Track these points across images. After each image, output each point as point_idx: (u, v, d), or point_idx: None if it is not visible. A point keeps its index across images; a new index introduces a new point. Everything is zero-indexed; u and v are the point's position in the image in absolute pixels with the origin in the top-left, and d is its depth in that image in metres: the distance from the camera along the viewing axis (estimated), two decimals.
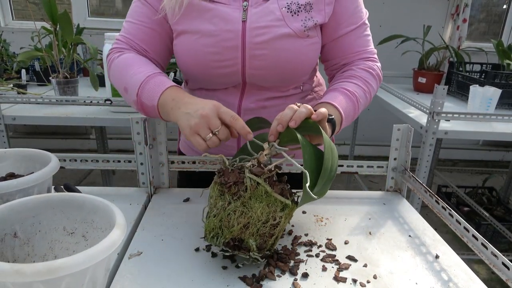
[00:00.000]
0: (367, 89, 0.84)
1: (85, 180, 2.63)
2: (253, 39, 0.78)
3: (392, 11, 3.12)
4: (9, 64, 1.91)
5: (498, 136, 1.46)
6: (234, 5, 0.79)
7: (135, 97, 0.76)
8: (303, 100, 0.91)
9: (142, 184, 0.88)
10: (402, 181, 0.89)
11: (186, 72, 0.86)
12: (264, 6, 0.79)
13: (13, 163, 0.73)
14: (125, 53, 0.83)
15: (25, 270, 0.38)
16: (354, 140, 2.50)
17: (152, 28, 0.83)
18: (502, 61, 1.90)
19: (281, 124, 0.65)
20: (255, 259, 0.59)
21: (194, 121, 0.65)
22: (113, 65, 0.83)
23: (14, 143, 1.52)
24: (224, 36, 0.78)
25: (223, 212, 0.58)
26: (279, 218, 0.60)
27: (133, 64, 0.80)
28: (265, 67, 0.80)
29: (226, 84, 0.85)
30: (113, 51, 0.85)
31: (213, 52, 0.79)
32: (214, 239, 0.59)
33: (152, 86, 0.75)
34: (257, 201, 0.59)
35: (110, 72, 0.84)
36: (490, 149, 3.55)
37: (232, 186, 0.59)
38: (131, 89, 0.77)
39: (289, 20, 0.78)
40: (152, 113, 0.76)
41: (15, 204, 0.53)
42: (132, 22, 0.84)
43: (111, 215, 0.51)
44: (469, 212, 2.33)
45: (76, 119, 1.47)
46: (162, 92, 0.74)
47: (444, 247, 0.70)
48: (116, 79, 0.82)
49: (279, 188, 0.61)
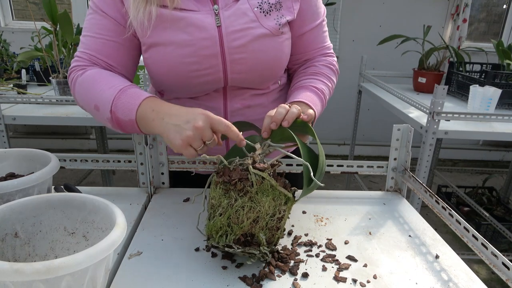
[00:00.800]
0: (331, 86, 0.90)
1: (85, 180, 2.63)
2: (231, 44, 0.77)
3: (392, 11, 3.13)
4: (9, 64, 1.91)
5: (498, 136, 1.46)
6: (204, 10, 0.76)
7: (109, 114, 0.71)
8: (282, 92, 0.93)
9: (142, 184, 0.88)
10: (402, 181, 0.89)
11: (161, 83, 0.84)
12: (236, 7, 0.77)
13: (13, 163, 0.73)
14: (88, 70, 0.77)
15: (24, 269, 0.38)
16: (354, 140, 2.50)
17: (116, 41, 0.78)
18: (502, 61, 1.90)
19: (275, 122, 0.68)
20: (264, 254, 0.59)
21: (186, 134, 0.63)
22: (77, 84, 0.77)
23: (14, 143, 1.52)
24: (201, 44, 0.76)
25: (231, 209, 0.58)
26: (283, 211, 0.62)
27: (100, 80, 0.74)
28: (246, 70, 0.80)
29: (207, 91, 0.84)
30: (74, 70, 0.79)
31: (191, 62, 0.77)
32: (222, 238, 0.59)
33: (127, 99, 0.70)
34: (263, 195, 0.60)
35: (75, 92, 0.78)
36: (490, 149, 3.55)
37: (238, 183, 0.60)
38: (103, 106, 0.72)
39: (263, 20, 0.78)
40: (130, 128, 0.72)
41: (16, 204, 0.53)
42: (93, 36, 0.78)
43: (111, 215, 0.52)
44: (469, 212, 2.33)
45: (76, 119, 1.47)
46: (139, 105, 0.69)
47: (444, 247, 0.70)
48: (84, 99, 0.76)
49: (282, 182, 0.63)
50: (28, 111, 1.52)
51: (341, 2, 3.03)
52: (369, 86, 2.20)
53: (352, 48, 3.20)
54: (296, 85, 0.87)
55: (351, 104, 2.62)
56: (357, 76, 2.34)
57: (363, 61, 2.26)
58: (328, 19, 3.05)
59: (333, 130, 3.35)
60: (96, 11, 0.78)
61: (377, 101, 2.01)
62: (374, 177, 3.13)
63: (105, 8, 0.77)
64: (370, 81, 2.16)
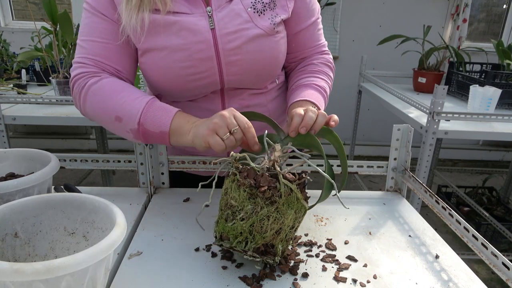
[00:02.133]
0: (330, 84, 0.91)
1: (85, 180, 2.63)
2: (226, 46, 0.76)
3: (392, 11, 3.13)
4: (9, 64, 1.91)
5: (498, 136, 1.46)
6: (197, 13, 0.76)
7: (136, 126, 0.71)
8: (280, 91, 0.93)
9: (142, 184, 0.88)
10: (402, 181, 0.89)
11: (158, 87, 0.83)
12: (229, 8, 0.77)
13: (13, 163, 0.73)
14: (103, 78, 0.75)
15: (24, 269, 0.38)
16: (354, 140, 2.50)
17: (119, 46, 0.76)
18: (502, 61, 1.90)
19: (305, 127, 0.68)
20: (276, 263, 0.59)
21: (213, 121, 0.65)
22: (91, 93, 0.74)
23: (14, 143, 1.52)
24: (195, 48, 0.75)
25: (255, 217, 0.57)
26: (299, 223, 0.62)
27: (119, 90, 0.74)
28: (242, 71, 0.79)
29: (205, 93, 0.83)
30: (84, 76, 0.76)
31: (186, 66, 0.76)
32: (241, 244, 0.57)
33: (158, 112, 0.71)
34: (289, 208, 0.58)
35: (86, 101, 0.75)
36: (490, 149, 3.55)
37: (267, 191, 0.58)
38: (128, 118, 0.71)
39: (257, 20, 0.78)
40: (157, 140, 0.73)
41: (16, 204, 0.53)
42: (94, 40, 0.76)
43: (111, 215, 0.52)
44: (469, 212, 2.33)
45: (76, 119, 1.47)
46: (172, 117, 0.71)
47: (444, 247, 0.70)
48: (101, 108, 0.74)
49: (304, 194, 0.62)
50: (28, 111, 1.52)
51: (341, 2, 3.03)
52: (369, 86, 2.20)
53: (352, 48, 3.20)
54: (296, 83, 0.87)
55: (351, 104, 2.61)
56: (357, 76, 2.34)
57: (363, 61, 2.26)
58: (328, 19, 3.05)
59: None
60: (94, 14, 0.75)
61: (377, 101, 2.01)
62: (374, 177, 3.13)
63: (104, 10, 0.75)
64: (370, 81, 2.16)
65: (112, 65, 0.77)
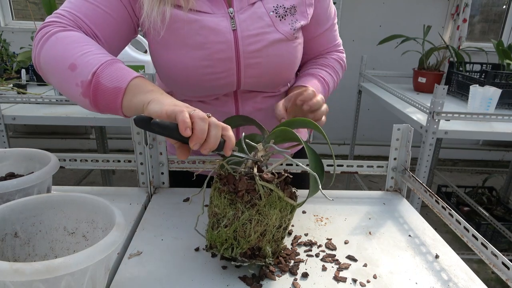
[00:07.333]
0: (336, 80, 0.93)
1: (85, 180, 2.64)
2: (246, 48, 0.76)
3: (392, 11, 3.13)
4: (9, 64, 1.91)
5: (498, 136, 1.46)
6: (219, 13, 0.75)
7: (89, 77, 0.61)
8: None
9: (142, 184, 0.88)
10: (402, 181, 0.89)
11: (172, 84, 0.82)
12: (252, 11, 0.77)
13: (13, 163, 0.73)
14: (71, 30, 0.66)
15: (24, 269, 0.38)
16: (354, 140, 2.49)
17: (110, 14, 0.70)
18: (502, 61, 1.90)
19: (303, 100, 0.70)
20: (269, 264, 0.59)
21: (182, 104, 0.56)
22: (54, 37, 0.65)
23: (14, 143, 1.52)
24: (216, 48, 0.75)
25: (237, 222, 0.56)
26: (288, 220, 0.61)
27: (87, 43, 0.64)
28: (259, 74, 0.80)
29: (218, 94, 0.83)
30: (52, 24, 0.67)
31: (205, 65, 0.76)
32: (228, 251, 0.57)
33: (120, 70, 0.62)
34: (271, 208, 0.57)
35: (45, 44, 0.65)
36: (490, 149, 3.55)
37: (245, 194, 0.57)
38: (83, 66, 0.61)
39: (278, 25, 0.78)
40: (108, 99, 0.61)
41: (16, 204, 0.53)
42: (88, 0, 0.69)
43: (111, 215, 0.52)
44: (469, 212, 2.33)
45: (76, 119, 1.47)
46: (136, 76, 0.61)
47: (444, 247, 0.70)
48: (57, 54, 0.64)
49: (288, 191, 0.61)
50: (28, 111, 1.52)
51: (341, 2, 3.03)
52: (369, 86, 2.20)
53: (352, 48, 3.20)
54: (304, 72, 0.90)
55: (351, 104, 2.61)
56: (357, 76, 2.34)
57: (363, 61, 2.26)
58: None
59: (333, 130, 3.35)
60: None
61: (377, 101, 2.01)
62: (374, 177, 3.13)
63: None
64: (370, 81, 2.16)
65: (92, 26, 0.69)
